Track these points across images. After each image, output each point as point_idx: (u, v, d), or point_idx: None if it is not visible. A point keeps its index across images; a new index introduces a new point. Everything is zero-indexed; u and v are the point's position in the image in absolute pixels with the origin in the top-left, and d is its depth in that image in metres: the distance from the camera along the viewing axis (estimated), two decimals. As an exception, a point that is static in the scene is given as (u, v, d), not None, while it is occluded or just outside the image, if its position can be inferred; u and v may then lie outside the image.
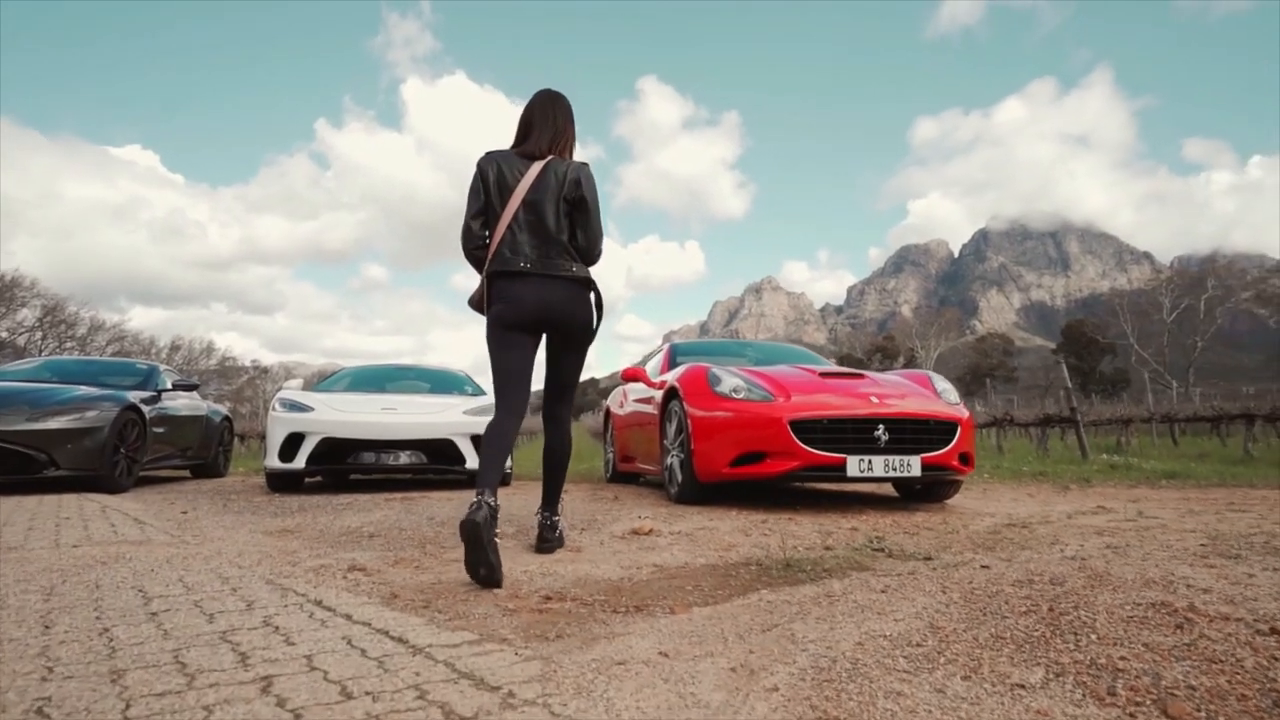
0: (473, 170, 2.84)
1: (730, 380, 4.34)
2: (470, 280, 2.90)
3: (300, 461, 5.42)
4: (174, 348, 50.88)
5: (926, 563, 2.71)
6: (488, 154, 2.86)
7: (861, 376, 4.66)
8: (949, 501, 4.81)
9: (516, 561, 2.71)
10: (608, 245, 3.06)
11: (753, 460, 4.11)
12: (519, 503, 4.77)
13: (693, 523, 3.71)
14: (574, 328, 2.85)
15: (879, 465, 3.95)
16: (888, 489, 5.58)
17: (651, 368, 6.16)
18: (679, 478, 4.56)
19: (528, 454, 14.55)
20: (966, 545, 3.07)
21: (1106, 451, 11.05)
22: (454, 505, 4.58)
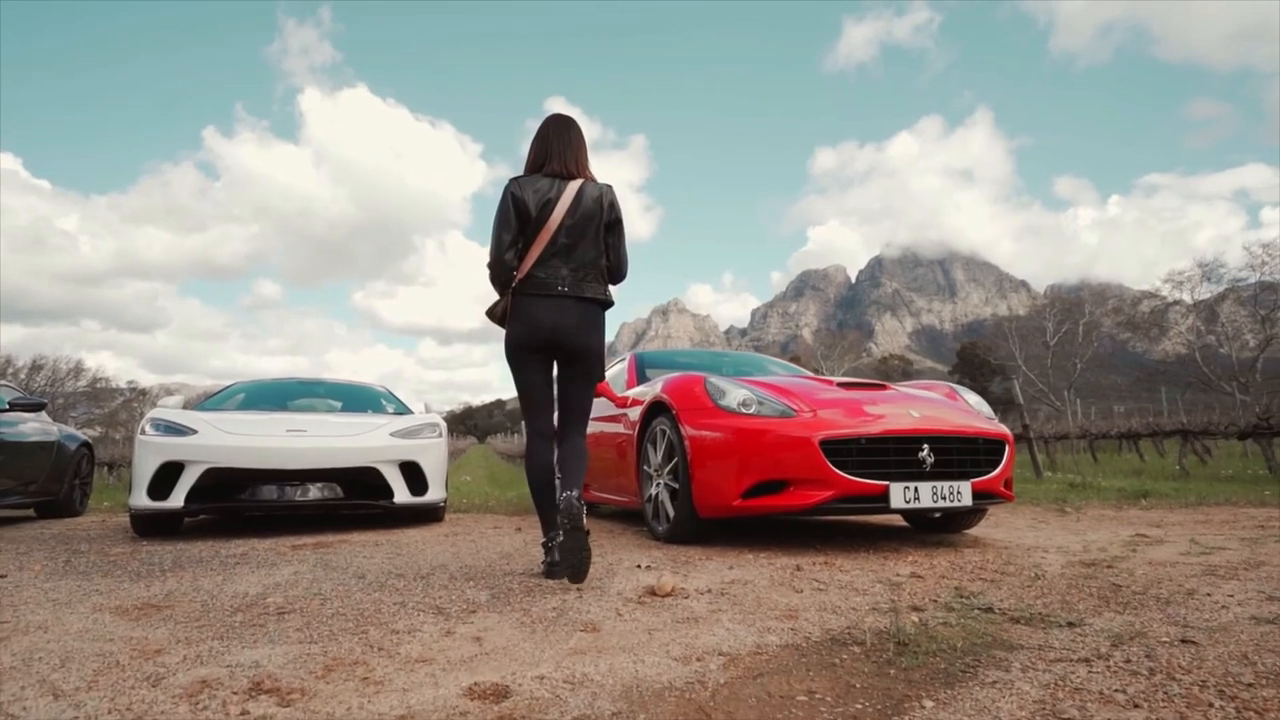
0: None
1: (736, 392, 3.56)
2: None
3: (177, 499, 4.25)
4: (35, 367, 45.93)
5: (1072, 630, 1.99)
6: (516, 180, 2.84)
7: (885, 387, 3.97)
8: (971, 532, 4.17)
9: (513, 656, 1.81)
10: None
11: (772, 490, 3.33)
12: (466, 548, 3.80)
13: (713, 573, 2.88)
14: (587, 356, 2.88)
15: (926, 493, 3.25)
16: (891, 518, 4.92)
17: (613, 381, 5.31)
18: (670, 512, 3.72)
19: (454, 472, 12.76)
20: (1091, 600, 2.37)
21: (1046, 470, 10.92)
22: (385, 553, 3.57)
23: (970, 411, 3.78)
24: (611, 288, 2.98)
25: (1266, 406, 8.64)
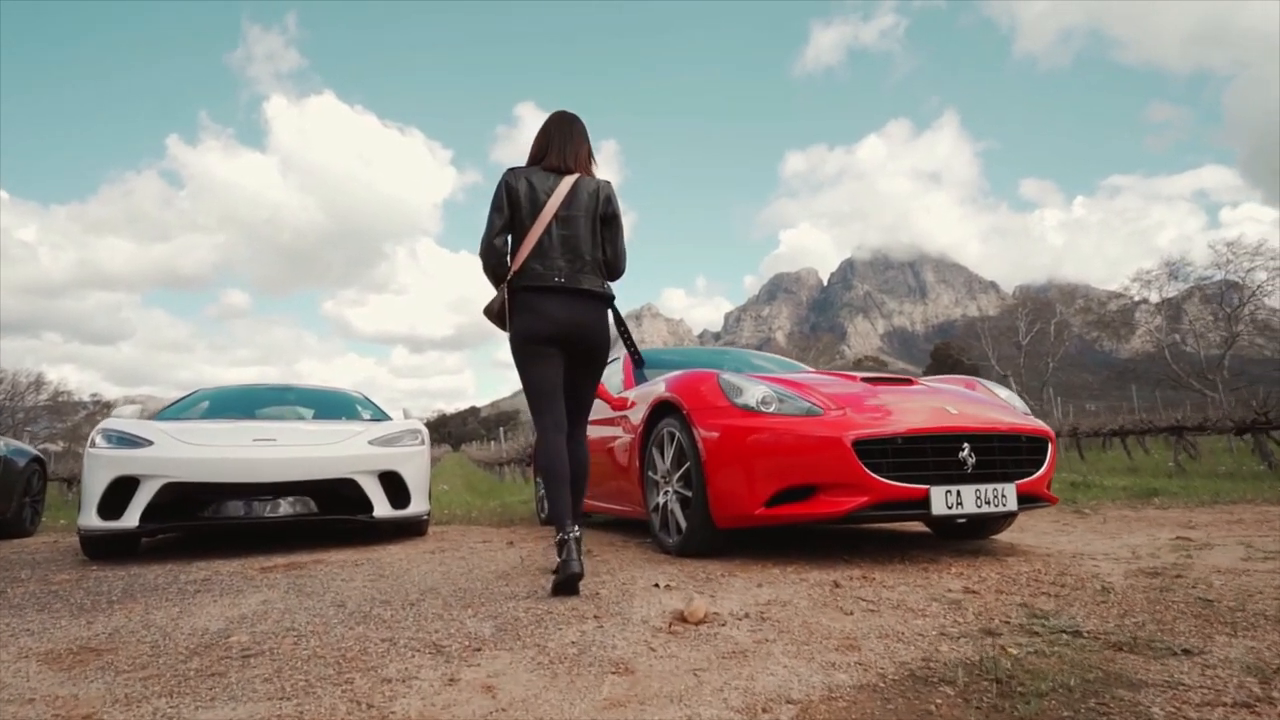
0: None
1: (755, 389, 3.23)
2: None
3: (131, 518, 3.82)
4: (-7, 381, 44.50)
5: (1193, 660, 1.70)
6: (513, 170, 2.85)
7: (912, 382, 3.67)
8: (1000, 538, 3.89)
9: (537, 713, 1.46)
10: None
11: (799, 497, 3.01)
12: (456, 567, 3.44)
13: (742, 593, 2.55)
14: (597, 349, 2.89)
15: (969, 498, 2.95)
16: (908, 523, 4.62)
17: (606, 382, 4.96)
18: (681, 522, 3.39)
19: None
20: (1187, 619, 2.08)
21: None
22: (367, 575, 3.19)
23: (1006, 406, 3.49)
24: (611, 283, 2.97)
25: (1264, 401, 8.52)
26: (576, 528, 2.60)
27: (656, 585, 2.70)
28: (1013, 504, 3.02)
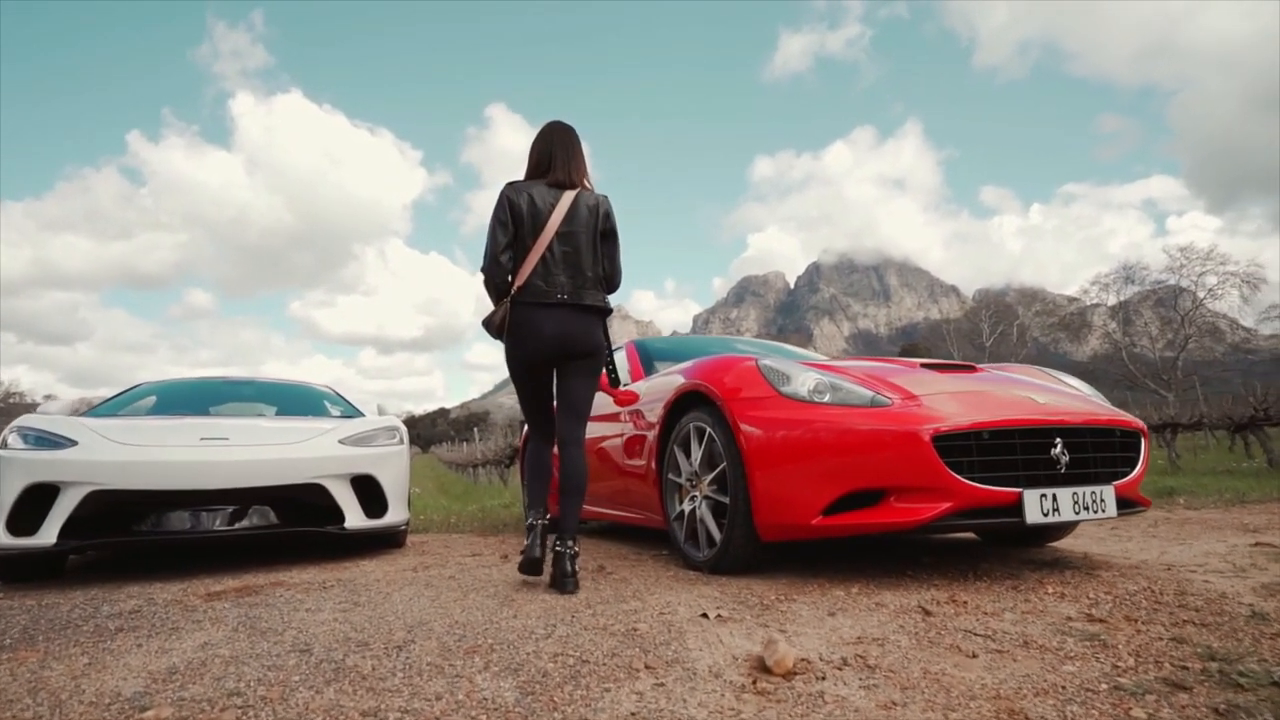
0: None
1: (804, 376, 2.73)
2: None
3: (48, 534, 3.18)
4: (-59, 383, 42.62)
5: None
6: (513, 184, 2.83)
7: (975, 369, 3.19)
8: (1067, 545, 3.44)
9: None
10: (464, 272, 2.59)
11: (865, 503, 2.51)
12: (447, 591, 2.87)
13: (817, 625, 2.03)
14: (589, 354, 2.84)
15: (1066, 502, 2.47)
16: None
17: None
18: (714, 533, 2.86)
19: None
20: None
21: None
22: (337, 602, 2.61)
23: (1088, 397, 3.04)
24: (610, 297, 2.97)
25: (1263, 397, 8.29)
26: (547, 516, 2.79)
27: (705, 615, 2.17)
28: (1112, 509, 2.55)
